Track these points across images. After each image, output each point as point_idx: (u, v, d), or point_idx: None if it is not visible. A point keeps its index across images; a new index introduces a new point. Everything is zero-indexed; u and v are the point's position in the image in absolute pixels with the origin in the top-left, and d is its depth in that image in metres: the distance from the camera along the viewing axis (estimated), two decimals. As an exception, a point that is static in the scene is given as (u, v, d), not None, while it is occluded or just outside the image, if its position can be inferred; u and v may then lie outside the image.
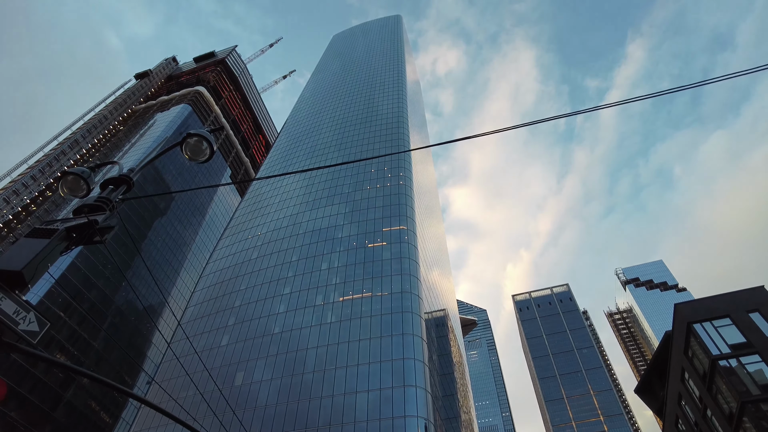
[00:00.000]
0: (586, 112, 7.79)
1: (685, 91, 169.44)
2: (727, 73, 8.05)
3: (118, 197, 6.83)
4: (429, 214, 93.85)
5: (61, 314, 71.61)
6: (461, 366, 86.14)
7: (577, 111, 7.74)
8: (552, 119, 7.14)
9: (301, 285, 63.29)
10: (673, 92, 7.56)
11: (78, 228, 5.69)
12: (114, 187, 7.04)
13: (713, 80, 7.78)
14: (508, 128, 7.23)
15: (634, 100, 7.65)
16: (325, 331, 55.59)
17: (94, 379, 6.04)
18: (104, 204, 6.36)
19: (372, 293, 58.63)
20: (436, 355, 60.53)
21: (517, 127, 7.44)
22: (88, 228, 5.71)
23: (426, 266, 70.29)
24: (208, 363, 56.18)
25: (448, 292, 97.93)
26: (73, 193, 7.43)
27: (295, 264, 67.38)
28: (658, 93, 8.01)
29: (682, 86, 7.49)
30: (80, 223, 5.70)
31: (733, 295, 32.81)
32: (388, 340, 52.05)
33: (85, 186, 7.39)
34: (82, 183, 7.42)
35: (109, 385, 5.99)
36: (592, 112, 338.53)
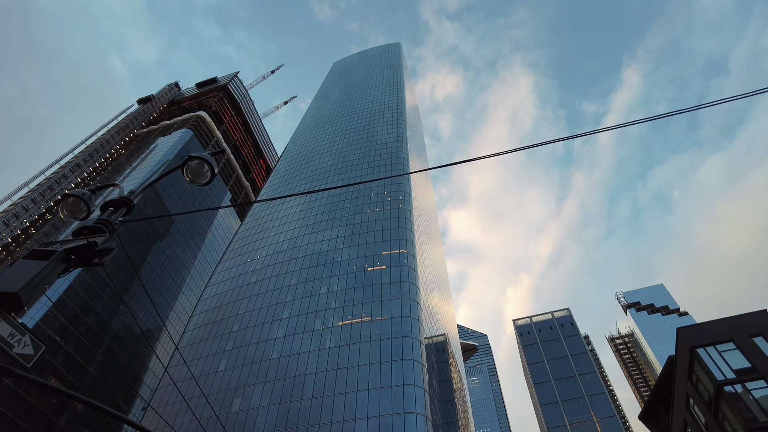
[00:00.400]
0: (594, 133, 7.85)
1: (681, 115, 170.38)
2: (723, 97, 8.15)
3: (118, 219, 6.80)
4: (429, 238, 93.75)
5: (57, 338, 70.77)
6: (462, 392, 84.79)
7: (586, 132, 7.81)
8: (558, 141, 7.19)
9: (300, 309, 62.77)
10: (677, 114, 7.63)
11: (77, 250, 5.66)
12: (114, 209, 7.03)
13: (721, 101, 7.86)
14: (509, 151, 7.27)
15: (642, 121, 7.71)
16: (324, 357, 54.88)
17: (87, 403, 5.92)
18: (104, 226, 6.34)
19: (371, 318, 58.10)
20: (436, 381, 59.62)
21: (518, 150, 7.48)
22: (87, 250, 5.68)
23: (426, 290, 69.86)
24: (205, 388, 55.28)
25: (449, 316, 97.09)
26: (73, 216, 7.41)
27: (294, 288, 66.96)
28: (666, 114, 8.08)
29: (690, 107, 7.56)
30: (79, 244, 5.67)
31: (736, 319, 32.51)
32: (388, 366, 51.34)
33: (85, 208, 7.38)
34: (83, 205, 7.41)
35: (102, 410, 5.86)
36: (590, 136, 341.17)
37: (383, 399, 48.08)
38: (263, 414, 50.60)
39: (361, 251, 69.80)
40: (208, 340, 63.82)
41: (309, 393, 51.07)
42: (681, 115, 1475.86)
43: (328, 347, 55.84)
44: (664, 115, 8.25)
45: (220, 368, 57.98)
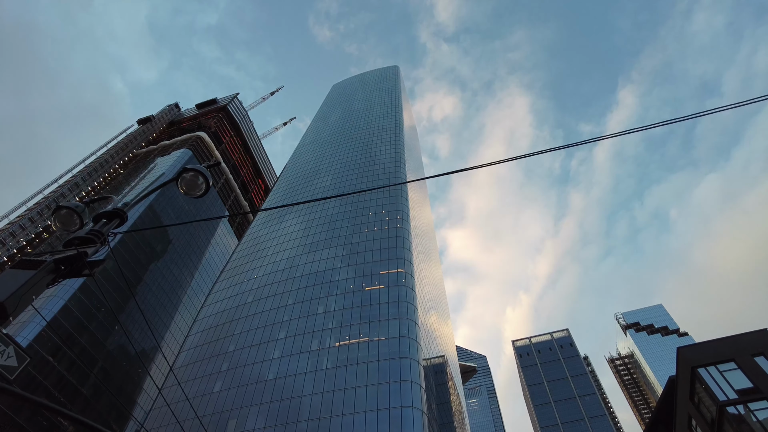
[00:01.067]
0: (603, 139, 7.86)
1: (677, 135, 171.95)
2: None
3: (111, 231, 6.72)
4: (427, 257, 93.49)
5: (50, 359, 69.79)
6: (461, 415, 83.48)
7: (598, 137, 7.80)
8: (567, 147, 7.18)
9: (297, 330, 62.11)
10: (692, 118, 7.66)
11: (67, 260, 5.56)
12: (107, 220, 6.94)
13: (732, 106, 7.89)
14: (517, 157, 7.25)
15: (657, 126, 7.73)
16: (321, 378, 54.10)
17: (77, 421, 5.76)
18: (95, 237, 6.25)
19: (369, 338, 57.49)
20: (435, 403, 58.72)
21: (526, 156, 7.47)
22: (77, 260, 5.58)
23: (424, 310, 69.34)
24: (200, 410, 54.31)
25: (447, 337, 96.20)
26: (66, 228, 7.33)
27: (291, 308, 66.39)
28: (682, 118, 8.09)
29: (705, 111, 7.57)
30: (69, 255, 5.58)
31: (736, 339, 32.22)
32: (386, 388, 50.59)
33: (78, 220, 7.30)
34: (76, 217, 7.33)
35: (93, 428, 5.70)
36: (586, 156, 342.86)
37: (381, 422, 47.25)
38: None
39: (358, 271, 69.46)
40: (204, 361, 62.97)
41: (305, 415, 50.18)
42: (676, 135, 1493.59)
43: (325, 368, 55.10)
44: (679, 119, 8.26)
45: (216, 389, 57.08)
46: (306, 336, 60.56)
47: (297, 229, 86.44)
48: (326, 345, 58.36)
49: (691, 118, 7.62)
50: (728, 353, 31.34)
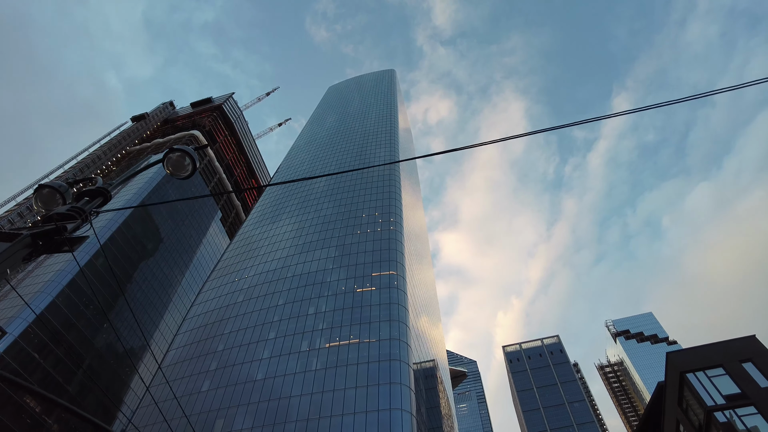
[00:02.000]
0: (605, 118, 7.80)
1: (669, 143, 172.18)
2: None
3: (94, 209, 6.56)
4: (419, 260, 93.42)
5: (35, 355, 68.88)
6: (450, 419, 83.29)
7: (598, 117, 7.76)
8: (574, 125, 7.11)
9: (287, 330, 61.76)
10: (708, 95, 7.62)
11: (45, 235, 5.41)
12: (90, 198, 6.78)
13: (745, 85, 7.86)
14: (527, 134, 7.18)
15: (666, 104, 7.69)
16: (310, 379, 53.77)
17: (70, 411, 5.59)
18: (77, 214, 6.09)
19: (359, 340, 57.25)
20: (424, 407, 58.53)
21: (536, 132, 7.40)
22: (56, 234, 5.43)
23: (415, 313, 69.19)
24: (187, 409, 53.77)
25: (438, 341, 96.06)
26: (48, 208, 7.16)
27: (281, 308, 66.03)
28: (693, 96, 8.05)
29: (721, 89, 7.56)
30: (47, 229, 5.42)
31: (725, 345, 32.36)
32: (375, 390, 50.36)
33: (60, 200, 7.13)
34: (58, 197, 7.17)
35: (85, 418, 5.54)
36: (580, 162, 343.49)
37: (370, 424, 47.00)
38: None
39: (350, 272, 69.26)
40: (192, 360, 62.43)
41: (294, 416, 49.83)
42: (669, 143, 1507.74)
43: (315, 369, 54.79)
44: (691, 98, 8.22)
45: (204, 388, 56.56)
46: (296, 337, 60.22)
47: (290, 230, 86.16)
48: (316, 346, 58.05)
49: (714, 93, 7.60)
50: (717, 359, 31.46)
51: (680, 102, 7.28)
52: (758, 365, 30.25)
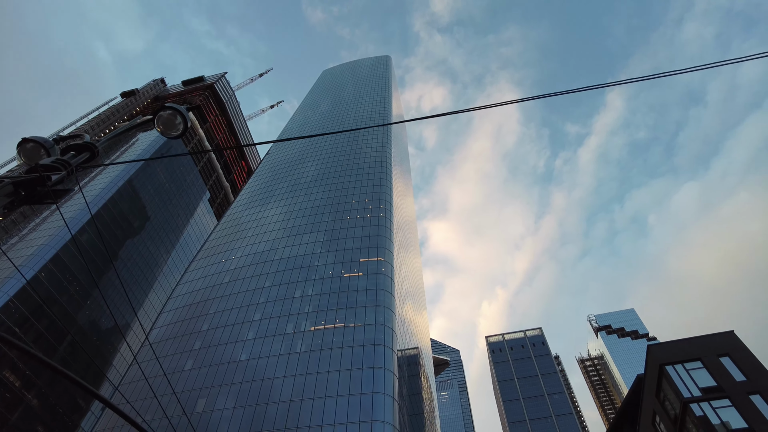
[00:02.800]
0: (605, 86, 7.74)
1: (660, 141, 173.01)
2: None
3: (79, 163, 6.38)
4: (407, 248, 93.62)
5: (17, 330, 68.12)
6: (431, 407, 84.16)
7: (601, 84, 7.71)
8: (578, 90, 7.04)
9: (273, 312, 61.69)
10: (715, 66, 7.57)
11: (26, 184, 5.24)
12: (76, 153, 6.59)
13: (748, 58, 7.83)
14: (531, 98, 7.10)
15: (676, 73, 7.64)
16: (294, 361, 53.88)
17: (64, 375, 5.46)
18: (61, 166, 5.91)
19: (345, 324, 57.41)
20: (406, 393, 59.02)
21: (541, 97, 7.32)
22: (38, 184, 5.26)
23: (401, 300, 69.46)
24: (169, 388, 53.65)
25: (423, 328, 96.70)
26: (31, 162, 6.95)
27: (267, 290, 65.87)
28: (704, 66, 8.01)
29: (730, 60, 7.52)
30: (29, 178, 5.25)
31: (704, 339, 32.99)
32: (358, 373, 50.63)
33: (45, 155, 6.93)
34: (43, 152, 6.96)
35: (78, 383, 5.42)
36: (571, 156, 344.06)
37: (352, 406, 47.32)
38: (228, 416, 49.30)
39: (338, 257, 69.21)
40: (176, 339, 62.21)
41: (276, 397, 49.98)
42: (660, 141, 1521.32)
43: (299, 352, 54.90)
44: (700, 67, 8.18)
45: (187, 367, 56.46)
46: (281, 319, 60.21)
47: (278, 213, 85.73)
48: (301, 329, 58.12)
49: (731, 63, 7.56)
50: (696, 352, 32.07)
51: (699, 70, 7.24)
52: (735, 360, 30.90)
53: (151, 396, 52.86)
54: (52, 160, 5.95)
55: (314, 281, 65.56)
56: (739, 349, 32.12)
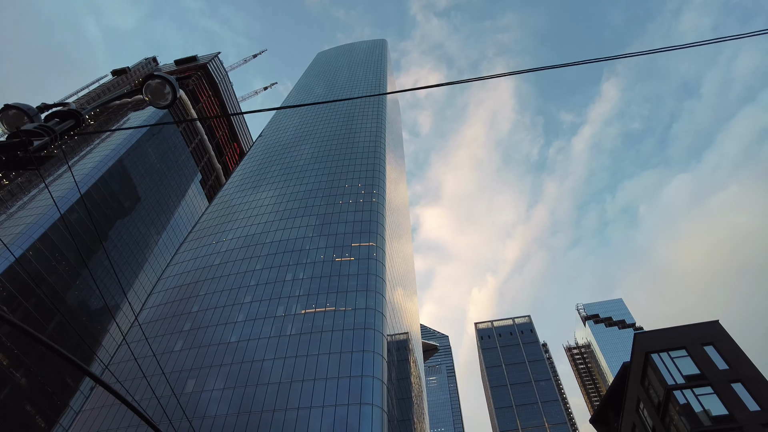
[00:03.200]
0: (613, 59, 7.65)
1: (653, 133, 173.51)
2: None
3: (64, 129, 6.21)
4: (399, 233, 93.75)
5: (4, 309, 67.69)
6: (420, 391, 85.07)
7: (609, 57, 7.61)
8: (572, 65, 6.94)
9: (263, 295, 61.69)
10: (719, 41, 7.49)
11: (7, 148, 5.09)
12: (60, 120, 6.42)
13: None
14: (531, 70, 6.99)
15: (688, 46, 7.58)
16: (284, 344, 54.06)
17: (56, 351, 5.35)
18: (45, 132, 5.75)
19: (335, 308, 57.60)
20: (395, 377, 59.55)
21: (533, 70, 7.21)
22: (20, 149, 5.11)
23: (392, 285, 69.72)
24: (159, 368, 53.69)
25: (413, 314, 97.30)
26: (13, 128, 6.77)
27: (258, 273, 65.80)
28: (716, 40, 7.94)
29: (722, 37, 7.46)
30: (10, 143, 5.10)
31: (689, 328, 33.49)
32: (348, 357, 50.94)
33: (28, 122, 6.75)
34: (26, 120, 6.78)
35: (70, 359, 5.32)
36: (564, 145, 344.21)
37: (341, 389, 47.67)
38: (217, 397, 49.51)
39: (330, 241, 69.18)
40: (166, 320, 62.13)
41: (266, 379, 50.20)
42: (654, 132, 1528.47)
43: (289, 334, 55.07)
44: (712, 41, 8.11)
45: (176, 348, 56.49)
46: (272, 302, 60.26)
47: (271, 196, 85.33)
48: (292, 312, 58.23)
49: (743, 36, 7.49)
50: (681, 341, 32.57)
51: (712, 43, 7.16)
52: (719, 349, 31.44)
53: (141, 376, 52.90)
54: (34, 126, 5.79)
55: (306, 265, 65.56)
56: (723, 339, 32.65)
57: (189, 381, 52.00)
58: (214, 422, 46.83)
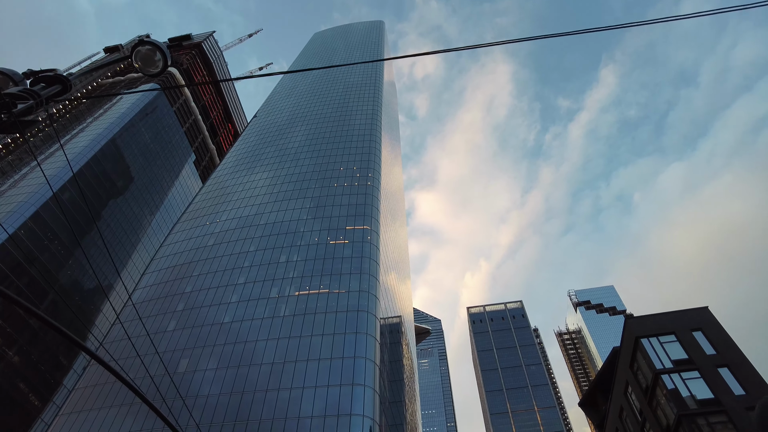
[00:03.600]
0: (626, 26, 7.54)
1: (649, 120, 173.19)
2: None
3: (49, 95, 6.05)
4: (393, 217, 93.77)
5: None
6: (411, 373, 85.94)
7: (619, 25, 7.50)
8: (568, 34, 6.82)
9: (257, 276, 61.74)
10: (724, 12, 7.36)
11: (-8, 111, 4.94)
12: (46, 85, 6.25)
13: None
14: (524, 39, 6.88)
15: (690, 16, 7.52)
16: (278, 325, 54.29)
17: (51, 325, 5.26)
18: (29, 96, 5.59)
19: (329, 290, 57.77)
20: (388, 359, 60.05)
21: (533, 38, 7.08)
22: (4, 111, 4.97)
23: (386, 268, 69.93)
24: (151, 348, 53.86)
25: (406, 297, 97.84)
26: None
27: (252, 254, 65.76)
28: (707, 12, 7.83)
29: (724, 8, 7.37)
30: (-5, 105, 4.95)
31: (679, 314, 33.89)
32: (341, 338, 51.26)
33: (12, 85, 6.57)
34: (11, 84, 6.60)
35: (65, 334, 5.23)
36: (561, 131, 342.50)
37: (333, 369, 48.05)
38: (210, 377, 49.80)
39: (324, 224, 69.11)
40: (159, 300, 62.13)
41: (259, 359, 50.50)
42: (650, 120, 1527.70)
43: (282, 315, 55.27)
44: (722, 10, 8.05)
45: (169, 328, 56.61)
46: (266, 283, 60.33)
47: (265, 177, 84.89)
48: (285, 293, 58.36)
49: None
50: (670, 326, 32.95)
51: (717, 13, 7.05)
52: (707, 335, 31.86)
53: (134, 355, 53.04)
54: (18, 89, 5.63)
55: (300, 247, 65.55)
56: (712, 325, 33.07)
57: (182, 361, 52.23)
58: (207, 401, 47.15)
